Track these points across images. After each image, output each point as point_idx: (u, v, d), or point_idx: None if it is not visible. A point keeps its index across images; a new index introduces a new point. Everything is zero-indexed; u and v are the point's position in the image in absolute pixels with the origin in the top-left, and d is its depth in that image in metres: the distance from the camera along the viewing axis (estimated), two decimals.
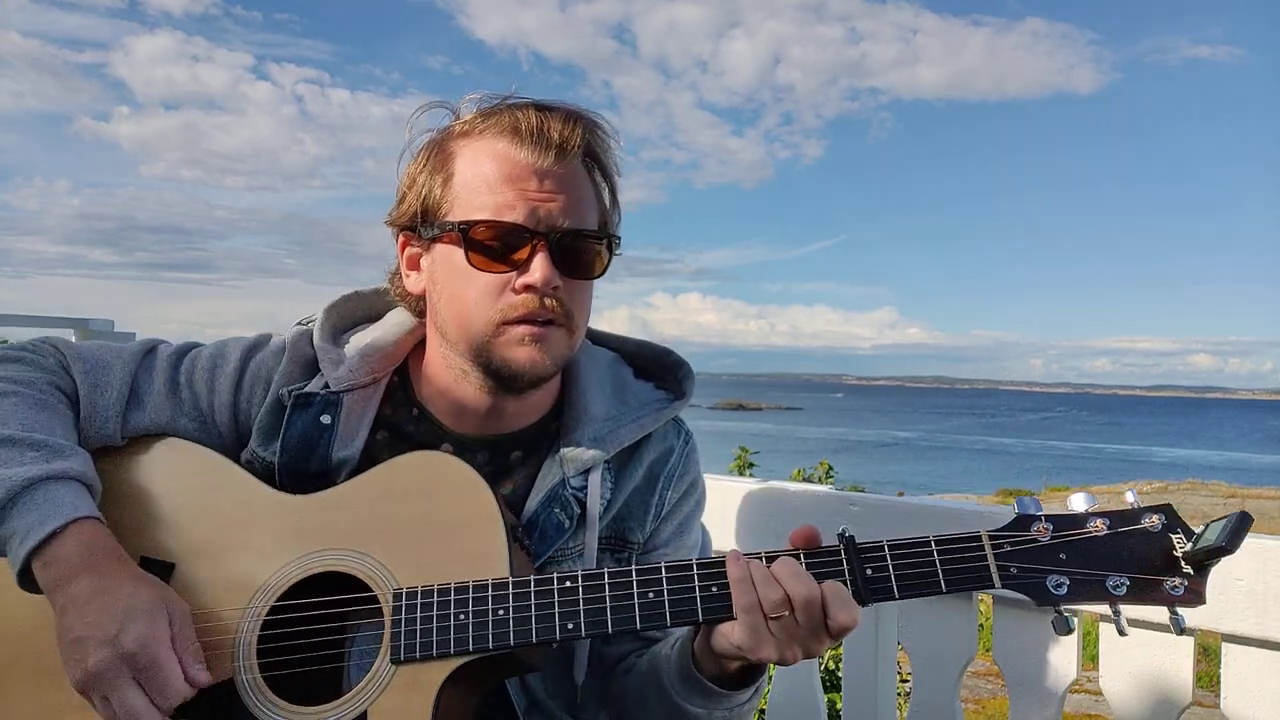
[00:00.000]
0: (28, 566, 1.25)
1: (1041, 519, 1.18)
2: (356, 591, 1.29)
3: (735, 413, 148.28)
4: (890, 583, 1.18)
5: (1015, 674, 1.76)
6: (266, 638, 1.29)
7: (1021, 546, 1.17)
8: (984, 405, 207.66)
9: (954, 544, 1.19)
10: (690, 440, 1.58)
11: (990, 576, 1.17)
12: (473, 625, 1.23)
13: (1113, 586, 1.15)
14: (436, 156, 1.40)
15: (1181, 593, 1.14)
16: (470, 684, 1.28)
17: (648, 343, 1.63)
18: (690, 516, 1.57)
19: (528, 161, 1.32)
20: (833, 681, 4.75)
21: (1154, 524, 1.16)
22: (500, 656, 1.25)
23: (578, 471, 1.44)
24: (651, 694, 1.38)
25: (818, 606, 1.16)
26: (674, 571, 1.23)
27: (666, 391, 1.57)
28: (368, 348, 1.47)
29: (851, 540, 1.21)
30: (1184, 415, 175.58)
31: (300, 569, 1.31)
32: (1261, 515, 25.93)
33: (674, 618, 1.21)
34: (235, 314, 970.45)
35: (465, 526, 1.29)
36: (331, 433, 1.41)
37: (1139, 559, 1.15)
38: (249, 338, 1.53)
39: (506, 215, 1.32)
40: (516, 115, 1.35)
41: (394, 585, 1.27)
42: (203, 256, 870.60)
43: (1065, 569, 1.16)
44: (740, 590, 1.18)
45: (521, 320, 1.34)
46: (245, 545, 1.34)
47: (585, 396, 1.49)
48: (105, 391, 1.42)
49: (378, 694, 1.23)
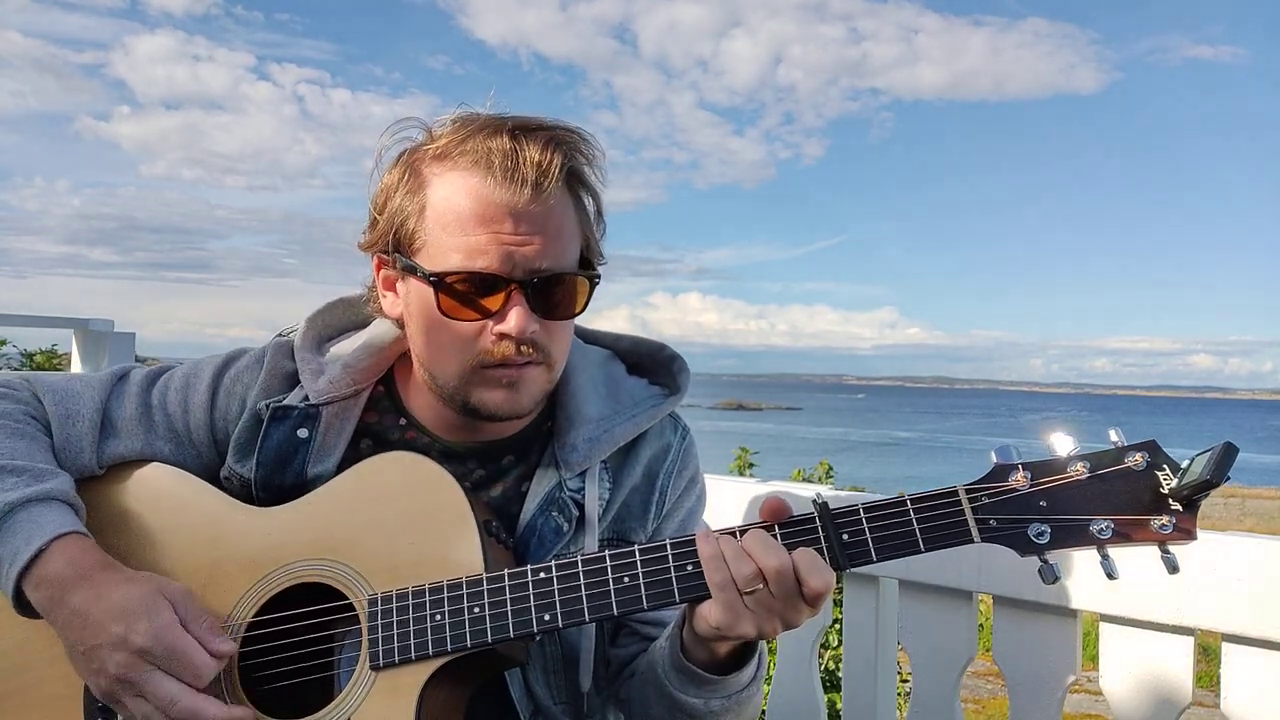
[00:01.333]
0: (20, 590, 1.25)
1: (1019, 468, 1.15)
2: (335, 600, 1.28)
3: (735, 413, 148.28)
4: (867, 546, 1.17)
5: (1015, 674, 1.76)
6: (246, 654, 1.29)
7: (999, 497, 1.15)
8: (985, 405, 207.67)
9: (930, 501, 1.17)
10: (688, 435, 1.56)
11: (969, 531, 1.14)
12: (450, 625, 1.22)
13: (1098, 530, 1.12)
14: (409, 180, 1.34)
15: (1171, 530, 1.11)
16: (454, 684, 1.28)
17: (642, 339, 1.61)
18: (692, 512, 1.56)
19: (501, 200, 1.26)
20: (833, 681, 4.76)
21: (1138, 462, 1.13)
22: (483, 653, 1.24)
23: (573, 474, 1.43)
24: (651, 691, 1.37)
25: (790, 576, 1.15)
26: (648, 554, 1.21)
27: (661, 387, 1.56)
28: (352, 356, 1.46)
29: (825, 506, 1.19)
30: (1184, 415, 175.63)
31: (275, 583, 1.30)
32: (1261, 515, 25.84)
33: (650, 600, 1.20)
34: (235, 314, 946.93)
35: (437, 526, 1.28)
36: (308, 447, 1.40)
37: (1124, 499, 1.12)
38: (222, 355, 1.52)
39: (479, 261, 1.27)
40: (490, 146, 1.28)
41: (368, 591, 1.26)
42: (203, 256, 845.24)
43: (1046, 516, 1.13)
44: (712, 568, 1.17)
45: (499, 365, 1.32)
46: (218, 563, 1.33)
47: (577, 397, 1.47)
48: (77, 422, 1.41)
49: (360, 702, 1.22)
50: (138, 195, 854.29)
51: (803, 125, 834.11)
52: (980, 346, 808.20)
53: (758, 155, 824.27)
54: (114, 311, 57.33)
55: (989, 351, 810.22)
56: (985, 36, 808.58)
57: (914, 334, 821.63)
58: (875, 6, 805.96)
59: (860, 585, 1.99)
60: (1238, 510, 24.04)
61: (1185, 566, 1.52)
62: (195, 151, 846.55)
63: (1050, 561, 1.14)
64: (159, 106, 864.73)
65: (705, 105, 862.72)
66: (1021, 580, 1.71)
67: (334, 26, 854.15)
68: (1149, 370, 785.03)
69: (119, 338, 3.84)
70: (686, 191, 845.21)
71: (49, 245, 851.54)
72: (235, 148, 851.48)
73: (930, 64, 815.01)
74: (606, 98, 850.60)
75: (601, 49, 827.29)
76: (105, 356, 3.75)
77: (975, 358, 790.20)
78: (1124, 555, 1.14)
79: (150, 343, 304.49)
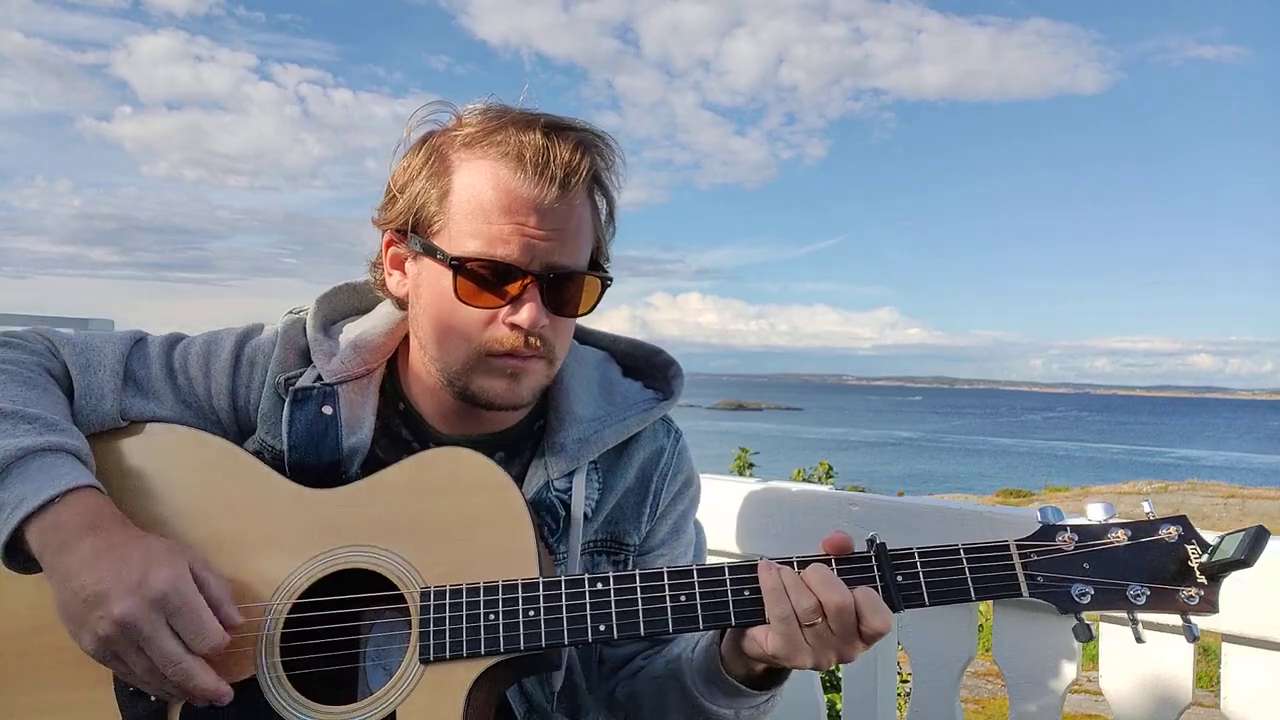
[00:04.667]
0: (18, 534, 1.19)
1: (1067, 529, 1.22)
2: (379, 589, 1.27)
3: (735, 413, 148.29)
4: (921, 589, 1.20)
5: (1015, 674, 1.76)
6: (289, 635, 1.27)
7: (1048, 556, 1.20)
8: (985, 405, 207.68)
9: (983, 553, 1.21)
10: (681, 439, 1.57)
11: (1018, 585, 1.20)
12: (503, 626, 1.22)
13: (1133, 595, 1.18)
14: (435, 163, 1.34)
15: (1196, 602, 1.17)
16: (496, 684, 1.28)
17: (638, 341, 1.62)
18: (685, 515, 1.56)
19: (528, 195, 1.28)
20: (833, 681, 4.75)
21: (1171, 535, 1.20)
22: (525, 656, 1.24)
23: (562, 474, 1.43)
24: (672, 696, 1.38)
25: (851, 613, 1.17)
26: (706, 575, 1.23)
27: (655, 391, 1.56)
28: (358, 339, 1.46)
29: (883, 547, 1.22)
30: (1184, 415, 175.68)
31: (323, 566, 1.29)
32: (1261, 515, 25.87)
33: (706, 621, 1.22)
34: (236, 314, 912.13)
35: (492, 525, 1.28)
36: (336, 422, 1.40)
37: (1157, 569, 1.19)
38: (241, 327, 1.52)
39: (500, 250, 1.28)
40: (522, 140, 1.29)
41: (421, 584, 1.26)
42: (204, 256, 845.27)
43: (1089, 578, 1.19)
44: (774, 599, 1.19)
45: (505, 355, 1.33)
46: (266, 541, 1.31)
47: (570, 396, 1.47)
48: (98, 370, 1.38)
49: (407, 694, 1.22)
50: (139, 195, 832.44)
51: (805, 125, 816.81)
52: (980, 346, 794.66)
53: (760, 155, 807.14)
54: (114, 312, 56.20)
55: (989, 351, 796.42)
56: (988, 37, 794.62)
57: (914, 334, 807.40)
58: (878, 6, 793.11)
59: None
60: (1238, 510, 24.04)
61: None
62: (197, 152, 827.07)
63: (1086, 622, 1.20)
64: (161, 107, 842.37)
65: (707, 105, 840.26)
66: None
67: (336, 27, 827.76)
68: (1149, 370, 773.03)
69: None
70: (688, 192, 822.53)
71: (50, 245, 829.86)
72: (237, 148, 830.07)
73: (933, 64, 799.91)
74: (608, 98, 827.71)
75: (603, 49, 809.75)
76: None
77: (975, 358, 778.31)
78: (1147, 616, 1.20)
79: None
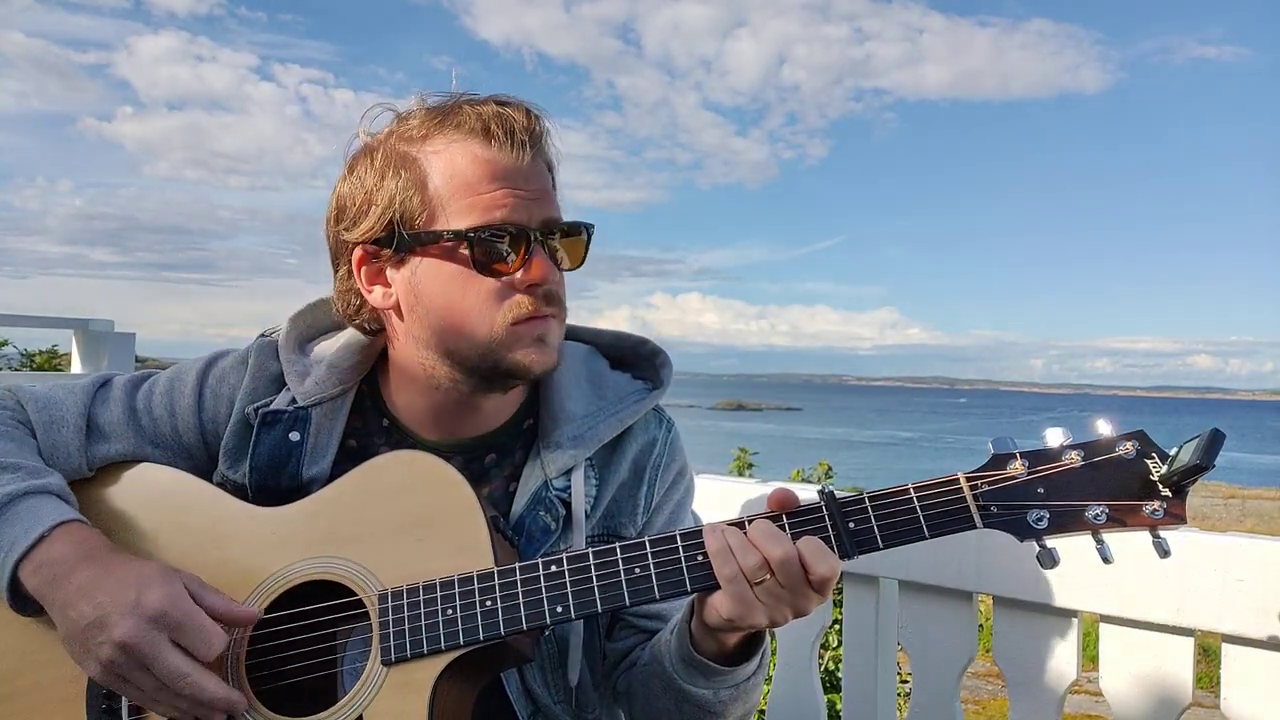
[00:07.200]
0: (15, 577, 1.23)
1: (1017, 456, 1.19)
2: (341, 598, 1.28)
3: (735, 413, 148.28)
4: (874, 533, 1.19)
5: (1015, 674, 1.76)
6: (255, 653, 1.28)
7: (999, 484, 1.18)
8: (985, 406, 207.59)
9: (933, 488, 1.19)
10: (673, 428, 1.56)
11: (971, 517, 1.18)
12: (461, 619, 1.22)
13: (1093, 516, 1.16)
14: (398, 161, 1.34)
15: (1161, 515, 1.15)
16: (465, 680, 1.28)
17: (623, 333, 1.62)
18: (681, 505, 1.56)
19: (506, 160, 1.31)
20: (833, 682, 4.76)
21: (1128, 450, 1.17)
22: (493, 648, 1.24)
23: (559, 472, 1.43)
24: (656, 683, 1.37)
25: (796, 563, 1.16)
26: (658, 545, 1.23)
27: (645, 381, 1.56)
28: (336, 356, 1.46)
29: (832, 495, 1.21)
30: (1184, 415, 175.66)
31: (281, 581, 1.30)
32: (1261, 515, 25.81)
33: (662, 590, 1.21)
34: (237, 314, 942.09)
35: (445, 521, 1.28)
36: (301, 450, 1.40)
37: (1116, 486, 1.16)
38: (205, 356, 1.51)
39: (499, 214, 1.30)
40: (480, 112, 1.32)
41: (378, 587, 1.26)
42: (205, 256, 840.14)
43: (1044, 503, 1.17)
44: (721, 560, 1.19)
45: (531, 318, 1.34)
46: (223, 562, 1.32)
47: (561, 393, 1.47)
48: (61, 427, 1.41)
49: (371, 698, 1.22)
50: (140, 195, 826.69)
51: (806, 125, 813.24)
52: (980, 346, 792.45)
53: (761, 155, 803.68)
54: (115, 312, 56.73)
55: (989, 351, 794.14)
56: (989, 37, 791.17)
57: (914, 334, 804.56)
58: (880, 7, 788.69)
59: (860, 586, 1.99)
60: (1238, 511, 24.05)
61: (1185, 567, 1.53)
62: (198, 152, 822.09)
63: (1049, 546, 1.18)
64: (162, 107, 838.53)
65: (709, 105, 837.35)
66: (1022, 580, 1.71)
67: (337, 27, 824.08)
68: (1150, 370, 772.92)
69: (119, 338, 3.84)
70: (689, 192, 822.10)
71: (50, 245, 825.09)
72: (238, 148, 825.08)
73: (934, 64, 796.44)
74: (610, 98, 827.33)
75: (605, 49, 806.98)
76: (105, 357, 3.75)
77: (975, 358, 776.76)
78: (1120, 545, 1.18)
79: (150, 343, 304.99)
